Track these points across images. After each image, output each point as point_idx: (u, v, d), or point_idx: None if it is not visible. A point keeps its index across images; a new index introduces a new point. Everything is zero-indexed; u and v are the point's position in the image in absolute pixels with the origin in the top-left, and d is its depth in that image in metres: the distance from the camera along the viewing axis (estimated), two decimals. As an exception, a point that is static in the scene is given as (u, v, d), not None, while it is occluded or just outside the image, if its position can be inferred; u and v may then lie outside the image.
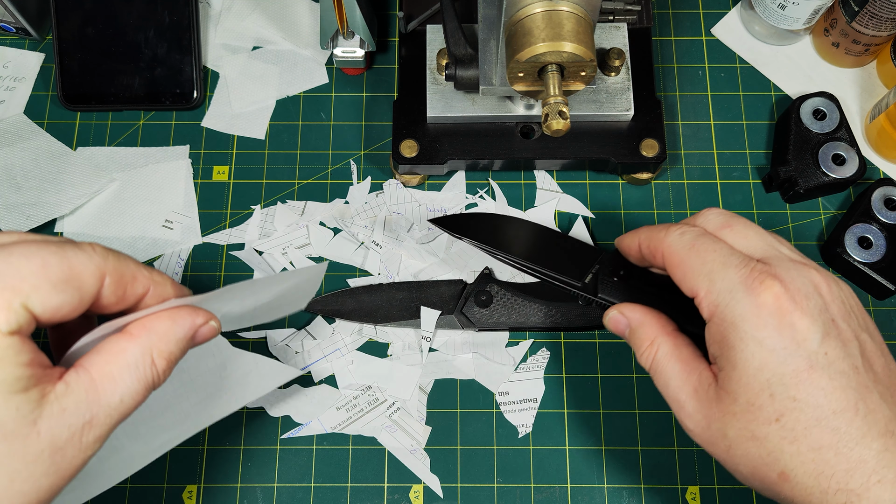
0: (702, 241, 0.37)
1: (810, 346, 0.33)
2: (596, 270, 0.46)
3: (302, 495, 0.51)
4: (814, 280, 0.35)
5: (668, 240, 0.38)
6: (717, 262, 0.36)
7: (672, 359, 0.38)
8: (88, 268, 0.30)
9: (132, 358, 0.32)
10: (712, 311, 0.35)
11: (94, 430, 0.30)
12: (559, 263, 0.48)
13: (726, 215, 0.39)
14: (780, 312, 0.34)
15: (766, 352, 0.34)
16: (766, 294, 0.34)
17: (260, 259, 0.56)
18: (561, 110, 0.44)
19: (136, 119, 0.60)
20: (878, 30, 0.55)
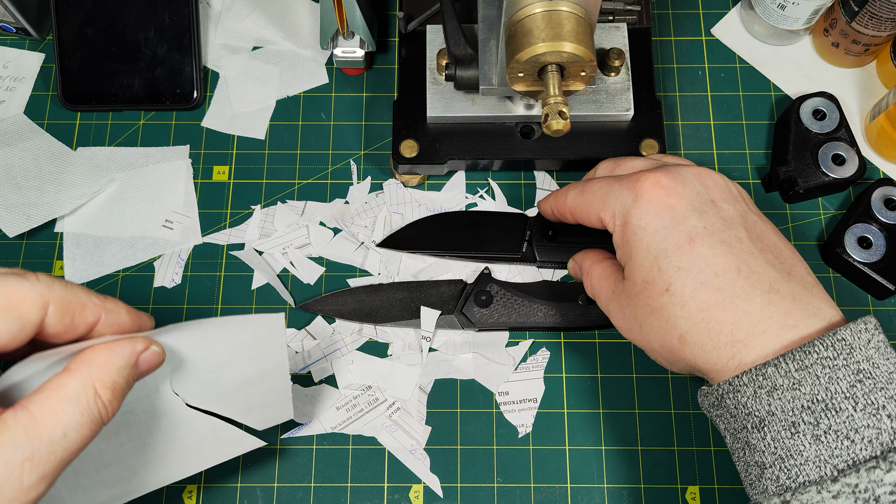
0: (588, 183, 0.44)
1: (689, 222, 0.38)
2: (528, 237, 0.52)
3: (302, 495, 0.51)
4: (693, 171, 0.40)
5: (567, 200, 0.45)
6: (604, 187, 0.42)
7: (601, 277, 0.45)
8: (29, 296, 0.30)
9: (73, 391, 0.31)
10: (613, 224, 0.41)
11: (35, 469, 0.29)
12: (495, 243, 0.54)
13: (613, 160, 0.46)
14: (658, 198, 0.39)
15: (650, 234, 0.39)
16: (643, 185, 0.39)
17: (260, 259, 0.56)
18: (561, 110, 0.44)
19: (137, 119, 0.60)
20: (877, 30, 0.55)
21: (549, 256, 0.54)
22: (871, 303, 0.55)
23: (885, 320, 0.54)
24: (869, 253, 0.53)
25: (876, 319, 0.37)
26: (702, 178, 0.40)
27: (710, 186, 0.40)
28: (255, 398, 0.43)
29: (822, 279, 0.55)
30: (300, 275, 0.55)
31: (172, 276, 0.55)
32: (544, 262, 0.54)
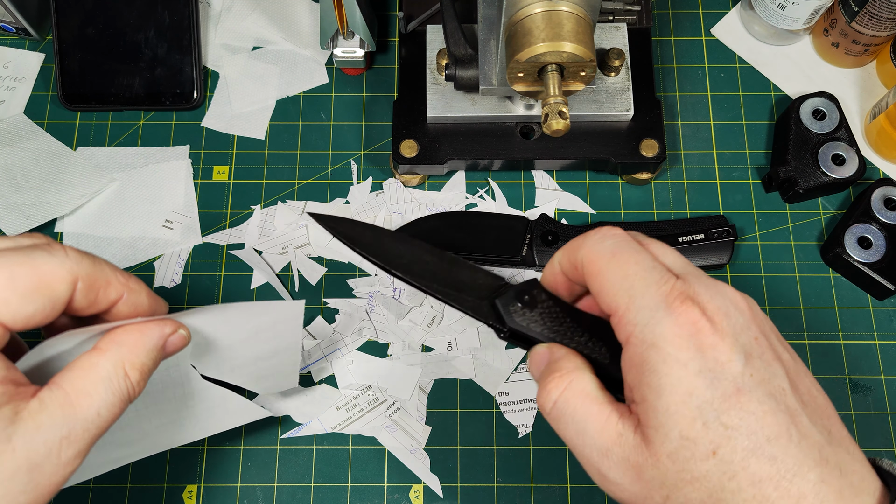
0: (624, 247, 0.33)
1: (735, 368, 0.30)
2: (529, 241, 0.46)
3: (302, 495, 0.51)
4: (732, 298, 0.32)
5: (586, 245, 0.34)
6: (639, 277, 0.32)
7: (588, 400, 0.32)
8: (59, 273, 0.31)
9: (104, 371, 0.32)
10: (630, 332, 0.31)
11: (72, 446, 0.30)
12: (495, 246, 0.50)
13: (643, 235, 0.35)
14: (702, 333, 0.30)
15: (692, 375, 0.30)
16: (686, 314, 0.31)
17: (259, 259, 0.56)
18: (561, 110, 0.44)
19: (137, 119, 0.60)
20: (877, 30, 0.55)
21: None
22: (871, 303, 0.55)
23: (885, 320, 0.54)
24: (869, 253, 0.53)
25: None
26: (740, 306, 0.33)
27: (749, 319, 0.32)
28: (265, 370, 0.45)
29: (822, 280, 0.55)
30: (302, 274, 0.55)
31: (172, 276, 0.55)
32: (544, 266, 0.54)
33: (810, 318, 0.54)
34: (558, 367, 0.33)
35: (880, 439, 0.51)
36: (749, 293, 0.54)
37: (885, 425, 0.52)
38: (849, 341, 0.54)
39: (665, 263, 0.33)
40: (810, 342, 0.54)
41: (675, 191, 0.58)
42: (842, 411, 0.52)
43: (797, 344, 0.54)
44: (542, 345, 0.35)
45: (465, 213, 0.56)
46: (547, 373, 0.34)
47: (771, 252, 0.56)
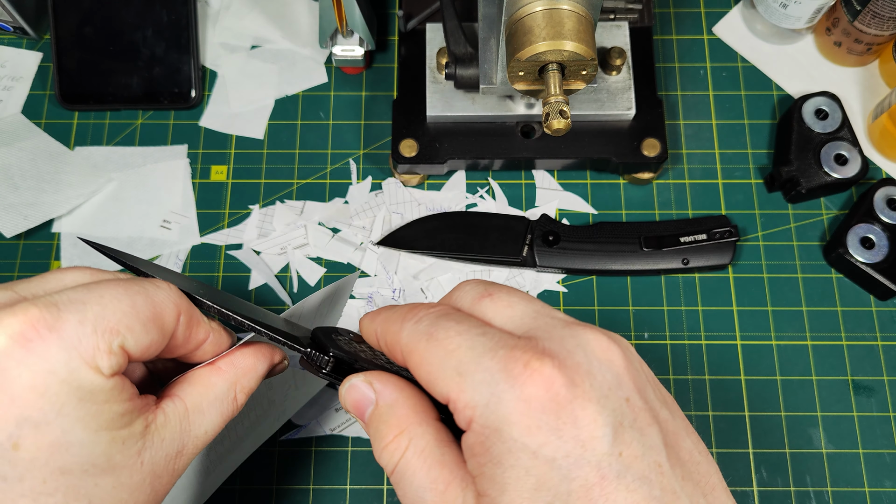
0: (441, 324, 0.27)
1: (600, 448, 0.25)
2: (529, 241, 0.42)
3: (301, 497, 0.50)
4: (597, 347, 0.27)
5: (403, 334, 0.28)
6: (465, 349, 0.26)
7: (428, 460, 0.27)
8: (168, 306, 0.31)
9: (220, 392, 0.33)
10: (469, 417, 0.26)
11: (183, 459, 0.32)
12: (495, 246, 0.49)
13: (484, 284, 0.30)
14: (557, 404, 0.25)
15: (542, 464, 0.25)
16: (535, 381, 0.25)
17: (258, 259, 0.55)
18: (562, 109, 0.44)
19: (134, 118, 0.59)
20: (880, 29, 0.55)
21: (549, 262, 0.53)
22: (873, 303, 0.54)
23: (888, 321, 0.54)
24: (871, 253, 0.53)
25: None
26: (608, 358, 0.27)
27: (620, 372, 0.26)
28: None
29: (824, 280, 0.55)
30: (301, 275, 0.55)
31: (170, 277, 0.55)
32: (544, 267, 0.54)
33: (812, 318, 0.54)
34: (395, 421, 0.28)
35: (883, 441, 0.51)
36: (751, 294, 0.54)
37: (887, 427, 0.51)
38: (851, 342, 0.53)
39: (501, 325, 0.28)
40: (812, 343, 0.53)
41: (677, 191, 0.57)
42: (844, 413, 0.52)
43: (799, 346, 0.53)
44: (357, 376, 0.29)
45: (465, 213, 0.56)
46: (381, 426, 0.28)
47: (773, 252, 0.56)
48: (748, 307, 0.54)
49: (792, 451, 0.51)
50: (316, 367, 0.31)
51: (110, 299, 0.29)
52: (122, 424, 0.29)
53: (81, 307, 0.28)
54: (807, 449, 0.51)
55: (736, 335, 0.54)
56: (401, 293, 0.54)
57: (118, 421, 0.29)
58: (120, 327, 0.29)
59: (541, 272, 0.55)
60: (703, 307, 0.54)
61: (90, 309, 0.28)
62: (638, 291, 0.55)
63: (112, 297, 0.29)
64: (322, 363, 0.30)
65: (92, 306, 0.28)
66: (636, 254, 0.54)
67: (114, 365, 0.28)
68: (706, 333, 0.54)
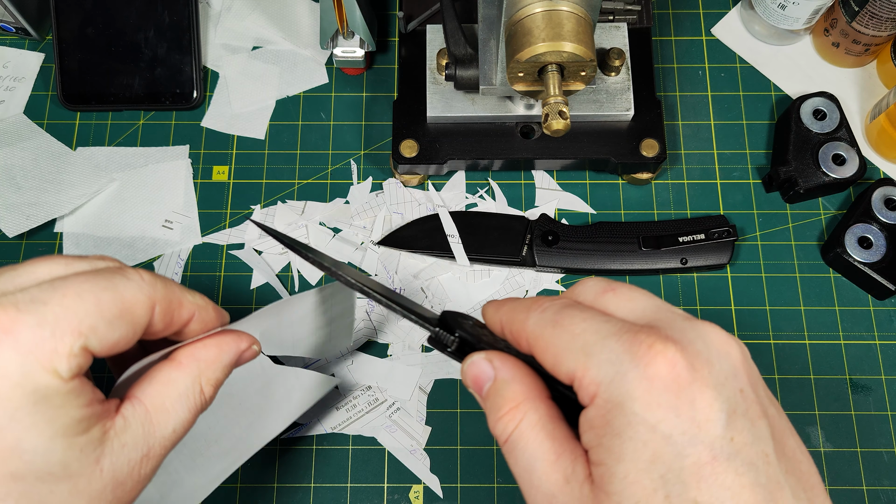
0: (567, 312, 0.29)
1: (714, 430, 0.26)
2: (529, 241, 0.44)
3: (302, 495, 0.50)
4: (716, 339, 0.28)
5: (529, 322, 0.30)
6: (591, 332, 0.28)
7: (541, 433, 0.29)
8: (139, 299, 0.30)
9: (182, 388, 0.32)
10: (593, 392, 0.27)
11: (150, 462, 0.31)
12: (495, 246, 0.50)
13: (606, 281, 0.31)
14: (678, 385, 0.26)
15: (659, 439, 0.26)
16: (658, 362, 0.26)
17: (259, 259, 0.55)
18: (561, 110, 0.44)
19: (136, 119, 0.60)
20: (878, 30, 0.55)
21: (549, 262, 0.54)
22: (871, 303, 0.55)
23: (886, 320, 0.54)
24: (869, 253, 0.53)
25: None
26: (727, 350, 0.28)
27: (737, 366, 0.28)
28: (323, 337, 0.46)
29: (822, 279, 0.55)
30: (302, 274, 0.55)
31: (172, 276, 0.55)
32: (543, 266, 0.54)
33: (810, 318, 0.54)
34: (511, 395, 0.30)
35: (881, 440, 0.51)
36: (749, 293, 0.55)
37: (885, 426, 0.52)
38: (849, 341, 0.54)
39: (629, 314, 0.29)
40: (810, 342, 0.54)
41: (676, 191, 0.57)
42: (842, 411, 0.52)
43: (797, 345, 0.54)
44: (478, 354, 0.31)
45: (465, 213, 0.56)
46: (497, 399, 0.30)
47: (771, 252, 0.56)
48: (746, 306, 0.55)
49: (790, 450, 0.51)
50: (442, 345, 0.33)
51: (73, 298, 0.28)
52: (80, 430, 0.28)
53: (41, 308, 0.27)
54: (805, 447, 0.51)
55: (735, 334, 0.54)
56: (401, 293, 0.54)
57: (75, 427, 0.28)
58: (82, 328, 0.28)
59: (540, 272, 0.55)
60: (701, 307, 0.55)
61: (50, 310, 0.27)
62: (637, 291, 0.55)
63: (75, 296, 0.28)
64: (448, 342, 0.33)
65: (52, 307, 0.28)
66: (635, 253, 0.54)
67: (73, 367, 0.28)
68: (705, 333, 0.54)
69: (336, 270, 0.34)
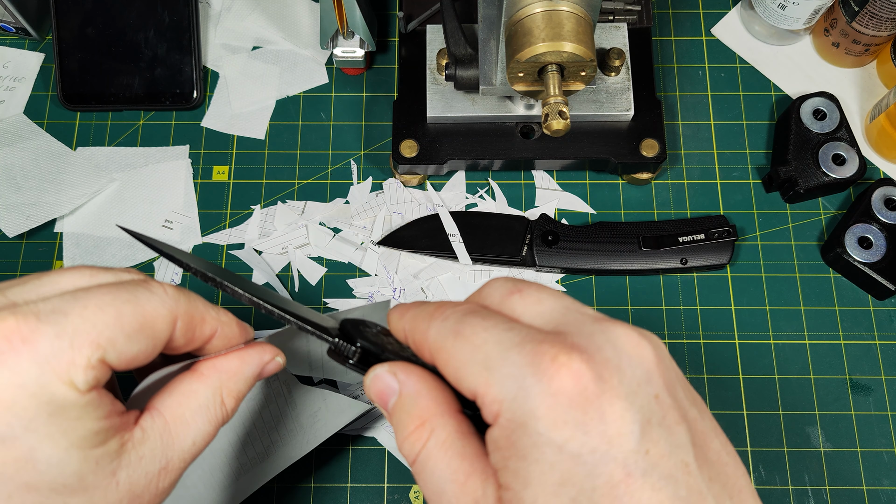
0: (468, 320, 0.27)
1: (626, 444, 0.24)
2: (529, 241, 0.42)
3: (302, 495, 0.50)
4: (627, 343, 0.26)
5: (430, 332, 0.28)
6: (492, 344, 0.26)
7: (449, 452, 0.27)
8: (161, 313, 0.30)
9: (203, 399, 0.32)
10: (496, 411, 0.25)
11: (168, 475, 0.30)
12: (495, 246, 0.48)
13: (513, 281, 0.29)
14: (584, 399, 0.24)
15: (568, 459, 0.24)
16: (562, 376, 0.24)
17: (259, 259, 0.55)
18: (561, 110, 0.44)
19: (136, 119, 0.60)
20: (878, 30, 0.55)
21: (549, 262, 0.54)
22: (871, 303, 0.55)
23: (885, 320, 0.54)
24: (869, 253, 0.53)
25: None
26: (639, 353, 0.26)
27: (650, 369, 0.26)
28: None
29: (822, 279, 0.55)
30: (302, 275, 0.55)
31: (172, 276, 0.55)
32: (543, 266, 0.54)
33: (810, 318, 0.54)
34: (417, 412, 0.28)
35: (881, 440, 0.51)
36: (749, 293, 0.55)
37: (885, 426, 0.52)
38: (849, 341, 0.54)
39: (529, 321, 0.27)
40: (811, 342, 0.54)
41: (676, 191, 0.57)
42: (842, 411, 0.52)
43: (797, 345, 0.54)
44: (382, 366, 0.29)
45: (465, 213, 0.56)
46: (403, 416, 0.28)
47: (771, 252, 0.56)
48: (746, 306, 0.55)
49: (790, 450, 0.51)
50: (342, 357, 0.30)
51: (94, 310, 0.28)
52: (96, 443, 0.28)
53: (62, 318, 0.27)
54: (805, 447, 0.51)
55: (734, 334, 0.54)
56: (401, 293, 0.54)
57: (91, 439, 0.28)
58: (101, 340, 0.28)
59: (540, 272, 0.55)
60: (701, 306, 0.55)
61: (70, 321, 0.27)
62: (637, 291, 0.55)
63: (96, 308, 0.28)
64: (349, 353, 0.30)
65: (73, 318, 0.27)
66: (635, 253, 0.54)
67: (90, 380, 0.27)
68: (705, 333, 0.54)
69: (218, 279, 0.31)
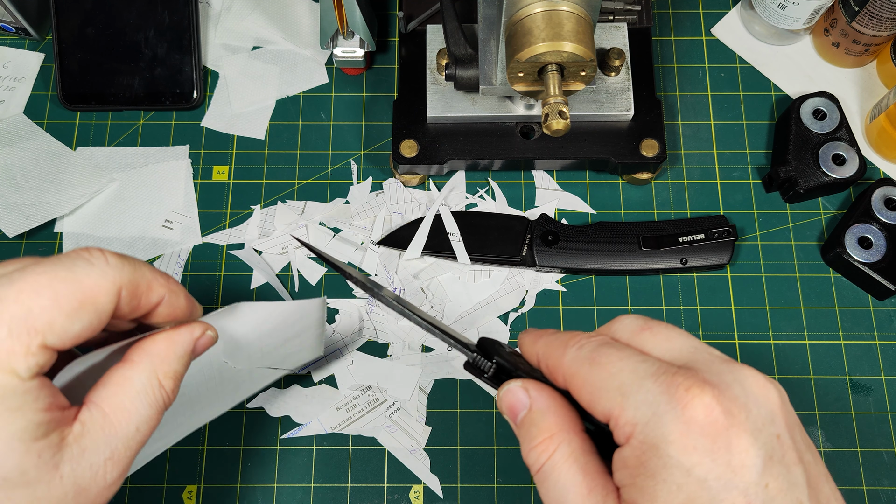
0: (603, 350, 0.29)
1: (749, 476, 0.26)
2: (529, 241, 0.44)
3: (302, 495, 0.50)
4: (754, 384, 0.28)
5: (565, 358, 0.30)
6: (628, 372, 0.28)
7: (574, 465, 0.29)
8: (103, 286, 0.29)
9: (139, 385, 0.31)
10: (629, 433, 0.27)
11: (116, 466, 0.30)
12: (495, 246, 0.49)
13: (643, 319, 0.31)
14: (714, 429, 0.26)
15: (694, 483, 0.26)
16: (695, 406, 0.26)
17: (259, 259, 0.56)
18: (561, 110, 0.44)
19: (136, 119, 0.60)
20: (878, 30, 0.55)
21: (549, 262, 0.54)
22: (871, 303, 0.55)
23: (885, 320, 0.54)
24: (869, 253, 0.53)
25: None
26: (766, 396, 0.28)
27: (775, 411, 0.28)
28: (293, 348, 0.45)
29: (822, 279, 0.55)
30: (302, 274, 0.55)
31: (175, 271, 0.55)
32: (543, 266, 0.54)
33: (810, 318, 0.54)
34: (546, 426, 0.30)
35: (881, 440, 0.51)
36: (749, 293, 0.55)
37: (885, 426, 0.52)
38: (849, 341, 0.54)
39: (666, 353, 0.29)
40: (811, 342, 0.54)
41: (676, 191, 0.58)
42: (842, 411, 0.52)
43: (797, 345, 0.54)
44: (515, 382, 0.31)
45: (465, 213, 0.56)
46: (532, 429, 0.30)
47: (771, 252, 0.56)
48: (746, 306, 0.55)
49: (790, 450, 0.51)
50: (479, 370, 0.32)
51: (29, 294, 0.27)
52: (38, 435, 0.27)
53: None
54: (805, 447, 0.51)
55: (734, 334, 0.54)
56: (401, 293, 0.54)
57: (33, 431, 0.27)
58: (38, 325, 0.27)
59: (540, 272, 0.55)
60: (701, 307, 0.55)
61: (6, 309, 0.27)
62: (637, 291, 0.55)
63: (31, 291, 0.28)
64: (485, 368, 0.32)
65: (8, 304, 0.27)
66: (635, 253, 0.54)
67: (32, 366, 0.27)
68: (704, 333, 0.54)
69: (377, 291, 0.35)
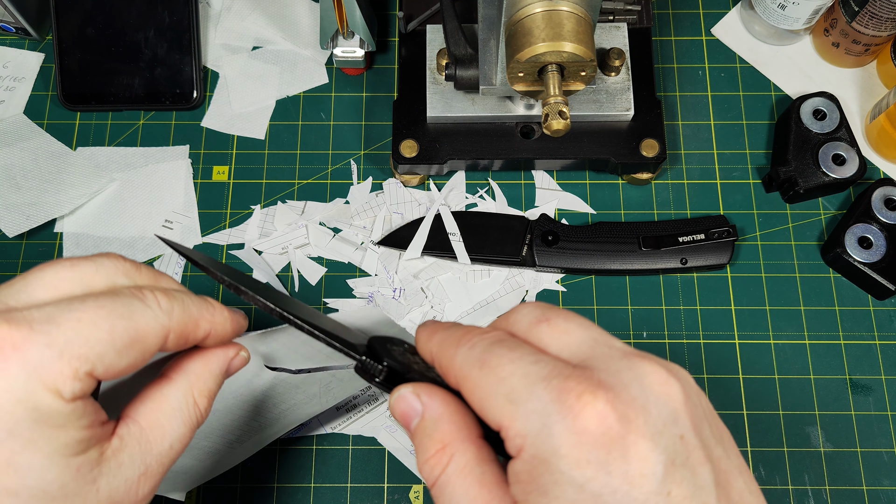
0: (494, 351, 0.27)
1: (648, 486, 0.24)
2: (528, 241, 0.42)
3: (302, 496, 0.50)
4: (655, 381, 0.26)
5: (456, 359, 0.28)
6: (519, 377, 0.26)
7: (468, 478, 0.27)
8: (153, 328, 0.30)
9: (175, 402, 0.32)
10: (520, 445, 0.25)
11: (148, 481, 0.31)
12: (495, 246, 0.48)
13: (542, 308, 0.29)
14: (608, 439, 0.24)
15: (588, 499, 0.24)
16: (587, 414, 0.24)
17: (259, 259, 0.55)
18: (561, 110, 0.44)
19: (136, 119, 0.60)
20: (878, 30, 0.55)
21: (549, 262, 0.54)
22: (871, 303, 0.55)
23: (885, 320, 0.54)
24: (869, 253, 0.53)
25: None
26: (667, 391, 0.26)
27: (677, 407, 0.26)
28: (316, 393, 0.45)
29: (822, 280, 0.55)
30: (302, 274, 0.55)
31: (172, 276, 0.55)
32: (543, 266, 0.54)
33: (810, 318, 0.54)
34: (438, 436, 0.28)
35: (881, 440, 0.51)
36: (749, 293, 0.55)
37: (885, 426, 0.52)
38: (849, 341, 0.54)
39: (564, 349, 0.27)
40: (811, 342, 0.54)
41: (676, 191, 0.58)
42: (842, 411, 0.52)
43: (797, 345, 0.54)
44: (406, 387, 0.29)
45: (465, 213, 0.56)
46: (424, 439, 0.28)
47: (771, 252, 0.56)
48: (746, 306, 0.55)
49: (790, 450, 0.51)
50: (369, 375, 0.30)
51: (87, 324, 0.28)
52: (78, 451, 0.28)
53: (54, 329, 0.27)
54: (805, 447, 0.51)
55: (734, 334, 0.54)
56: (401, 293, 0.54)
57: (74, 447, 0.28)
58: (90, 354, 0.28)
59: (540, 272, 0.55)
60: (701, 306, 0.55)
61: (62, 333, 0.27)
62: (637, 291, 0.55)
63: (89, 322, 0.28)
64: (375, 372, 0.30)
65: (65, 330, 0.28)
66: (635, 253, 0.54)
67: (76, 390, 0.28)
68: (704, 333, 0.54)
69: (251, 292, 0.32)
